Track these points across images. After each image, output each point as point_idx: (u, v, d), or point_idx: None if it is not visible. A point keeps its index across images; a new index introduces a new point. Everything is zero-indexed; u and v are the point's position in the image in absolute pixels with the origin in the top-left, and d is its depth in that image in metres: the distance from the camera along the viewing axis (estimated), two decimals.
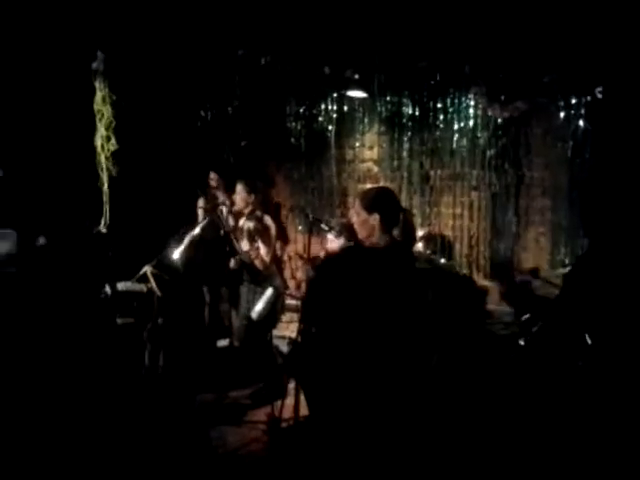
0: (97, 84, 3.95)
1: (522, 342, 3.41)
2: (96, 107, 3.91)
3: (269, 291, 4.34)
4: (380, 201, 2.86)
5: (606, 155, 4.62)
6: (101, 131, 3.91)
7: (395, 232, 2.84)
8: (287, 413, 3.84)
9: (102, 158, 3.92)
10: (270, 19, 4.04)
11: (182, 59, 4.51)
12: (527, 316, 3.56)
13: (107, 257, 4.47)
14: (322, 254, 4.74)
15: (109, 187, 4.00)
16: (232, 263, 4.94)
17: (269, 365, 4.68)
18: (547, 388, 2.75)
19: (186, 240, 4.50)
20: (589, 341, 2.32)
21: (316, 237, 4.94)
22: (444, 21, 4.17)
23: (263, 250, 4.63)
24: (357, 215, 2.87)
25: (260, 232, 4.64)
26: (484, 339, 3.51)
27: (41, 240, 4.05)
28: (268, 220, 4.74)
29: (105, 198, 3.95)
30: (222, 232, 5.33)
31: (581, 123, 4.75)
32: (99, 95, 3.92)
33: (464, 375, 3.21)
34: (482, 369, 3.39)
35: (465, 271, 5.24)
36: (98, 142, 3.92)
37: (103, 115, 3.89)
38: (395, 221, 2.84)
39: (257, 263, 4.66)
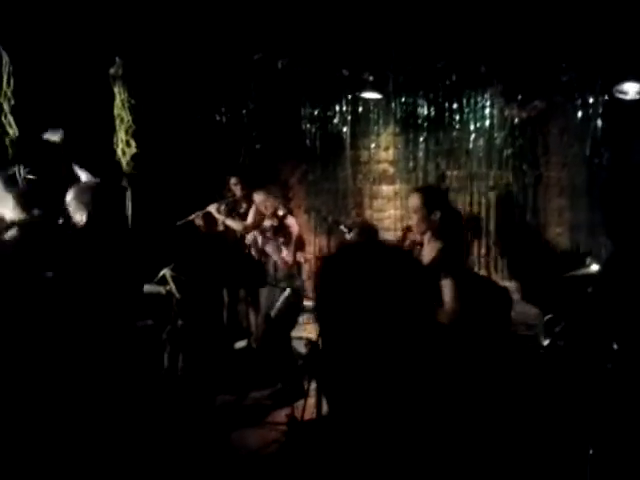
0: (116, 89, 3.99)
1: (545, 342, 3.40)
2: (116, 112, 3.95)
3: (288, 291, 4.37)
4: (441, 199, 3.01)
5: (624, 155, 4.59)
6: (121, 135, 3.95)
7: None
8: (308, 414, 3.86)
9: (123, 162, 3.96)
10: (287, 23, 4.06)
11: (199, 64, 4.55)
12: (550, 316, 3.55)
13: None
14: None
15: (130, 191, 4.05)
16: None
17: (288, 366, 4.70)
18: (574, 389, 2.74)
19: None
20: (616, 345, 2.31)
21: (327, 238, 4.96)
22: (460, 21, 4.16)
23: (284, 250, 4.68)
24: (416, 212, 2.97)
25: (282, 232, 4.70)
26: (508, 340, 3.50)
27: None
28: (290, 220, 4.78)
29: (127, 202, 3.99)
30: (239, 235, 5.38)
31: (599, 122, 4.72)
32: (118, 100, 3.96)
33: (488, 376, 3.20)
34: (506, 370, 3.38)
35: (482, 271, 5.22)
36: (118, 146, 3.96)
37: (123, 120, 3.93)
38: (453, 220, 2.99)
39: (279, 262, 4.71)
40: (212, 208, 5.19)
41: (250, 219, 5.24)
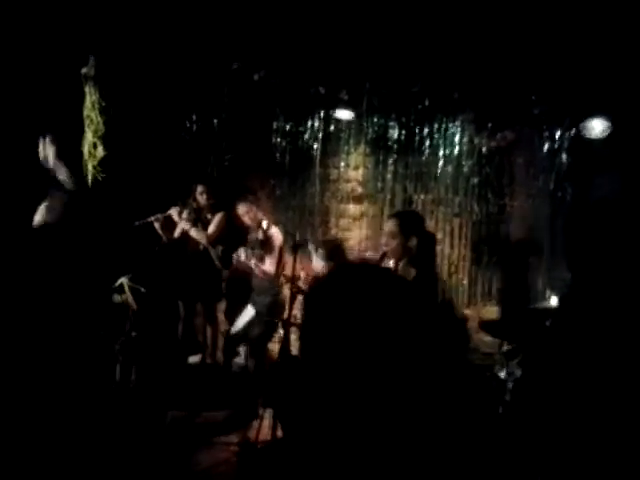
0: (87, 89, 3.87)
1: (502, 373, 3.40)
2: (85, 113, 3.83)
3: (252, 312, 4.28)
4: (418, 225, 2.91)
5: (586, 190, 4.71)
6: (89, 137, 3.82)
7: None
8: (261, 435, 3.78)
9: (89, 164, 3.83)
10: (267, 37, 4.03)
11: (174, 69, 4.47)
12: (508, 347, 3.56)
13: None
14: (302, 274, 4.70)
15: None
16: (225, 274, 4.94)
17: (244, 385, 4.62)
18: (526, 419, 2.74)
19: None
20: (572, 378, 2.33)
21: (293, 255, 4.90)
22: (437, 48, 4.21)
23: (267, 260, 4.62)
24: (393, 238, 2.87)
25: (264, 243, 4.64)
26: (463, 368, 3.50)
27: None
28: (273, 230, 4.71)
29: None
30: (201, 247, 5.25)
31: (564, 157, 4.84)
32: (88, 100, 3.84)
33: (444, 404, 3.18)
34: (459, 398, 3.37)
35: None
36: (85, 148, 3.83)
37: (92, 121, 3.81)
38: (428, 246, 2.90)
39: (260, 274, 4.64)
40: (173, 212, 5.07)
41: (212, 229, 5.13)
